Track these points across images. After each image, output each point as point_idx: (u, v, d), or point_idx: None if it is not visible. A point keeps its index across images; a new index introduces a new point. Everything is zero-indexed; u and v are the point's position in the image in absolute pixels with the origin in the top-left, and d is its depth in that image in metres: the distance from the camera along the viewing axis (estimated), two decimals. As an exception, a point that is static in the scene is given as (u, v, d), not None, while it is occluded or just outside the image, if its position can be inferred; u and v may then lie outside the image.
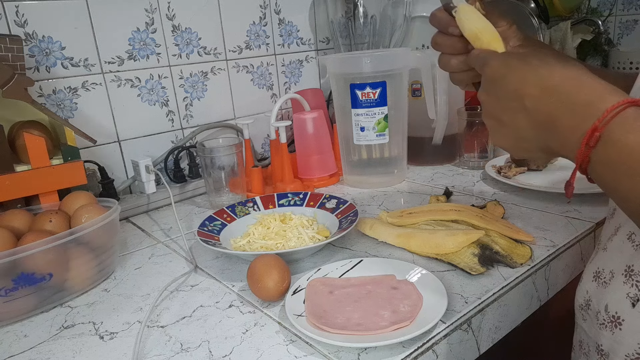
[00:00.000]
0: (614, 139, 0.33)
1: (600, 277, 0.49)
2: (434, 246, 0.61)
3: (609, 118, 0.34)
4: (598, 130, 0.34)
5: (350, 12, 1.14)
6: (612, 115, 0.33)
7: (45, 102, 0.85)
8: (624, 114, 0.33)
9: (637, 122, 0.33)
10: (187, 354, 0.47)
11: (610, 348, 0.47)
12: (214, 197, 0.88)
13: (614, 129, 0.33)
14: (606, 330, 0.47)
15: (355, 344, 0.45)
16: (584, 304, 0.52)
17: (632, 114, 0.33)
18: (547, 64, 0.39)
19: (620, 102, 0.34)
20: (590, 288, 0.51)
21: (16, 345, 0.52)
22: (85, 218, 0.62)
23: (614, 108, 0.33)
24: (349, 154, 0.95)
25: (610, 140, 0.34)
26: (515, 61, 0.41)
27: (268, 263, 0.55)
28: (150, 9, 0.93)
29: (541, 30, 1.30)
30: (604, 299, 0.47)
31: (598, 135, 0.34)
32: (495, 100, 0.42)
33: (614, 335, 0.46)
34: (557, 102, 0.37)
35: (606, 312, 0.47)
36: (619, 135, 0.33)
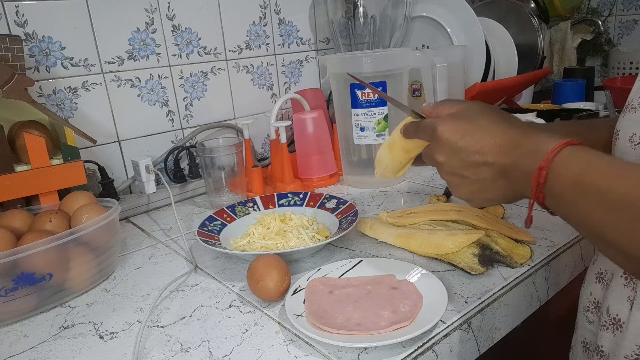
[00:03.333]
0: (557, 174, 0.39)
1: (603, 278, 0.50)
2: (434, 246, 0.61)
3: (551, 158, 0.40)
4: (544, 169, 0.40)
5: (350, 12, 1.14)
6: (554, 155, 0.40)
7: (45, 102, 0.85)
8: (562, 153, 0.40)
9: (573, 157, 0.39)
10: (187, 354, 0.47)
11: (610, 349, 0.47)
12: (214, 197, 0.88)
13: (556, 166, 0.40)
14: (607, 332, 0.48)
15: (355, 344, 0.45)
16: (588, 305, 0.52)
17: (569, 151, 0.40)
18: (495, 122, 0.45)
19: (559, 144, 0.40)
20: (594, 290, 0.51)
21: (16, 345, 0.52)
22: (85, 218, 0.62)
23: (554, 149, 0.40)
24: (349, 154, 0.95)
25: (554, 176, 0.40)
26: (465, 124, 0.46)
27: (268, 263, 0.55)
28: (150, 9, 0.93)
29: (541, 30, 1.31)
30: (606, 301, 0.48)
31: (545, 174, 0.40)
32: (456, 160, 0.46)
33: (614, 337, 0.47)
34: (514, 153, 0.43)
35: (608, 314, 0.48)
36: (559, 170, 0.39)
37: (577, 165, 0.38)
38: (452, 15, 1.08)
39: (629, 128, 0.46)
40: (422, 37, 1.13)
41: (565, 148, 0.40)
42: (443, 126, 0.46)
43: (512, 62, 1.20)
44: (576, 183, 0.38)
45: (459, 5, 1.07)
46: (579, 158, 0.39)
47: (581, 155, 0.39)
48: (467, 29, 1.07)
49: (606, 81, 1.19)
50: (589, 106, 1.18)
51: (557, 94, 1.33)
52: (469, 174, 0.46)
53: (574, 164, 0.39)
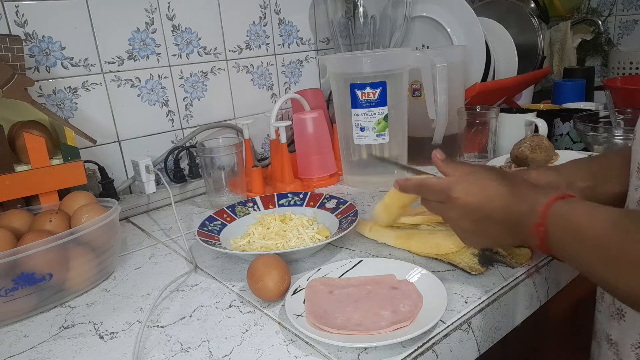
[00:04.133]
0: (552, 230, 0.43)
1: None
2: (434, 246, 0.61)
3: (545, 215, 0.44)
4: (541, 226, 0.44)
5: (350, 12, 1.14)
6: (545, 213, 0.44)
7: (45, 102, 0.85)
8: (552, 210, 0.43)
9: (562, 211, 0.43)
10: (187, 354, 0.47)
11: (618, 338, 0.50)
12: (214, 197, 0.88)
13: (550, 223, 0.44)
14: (614, 321, 0.50)
15: (355, 344, 0.45)
16: (600, 295, 0.55)
17: (559, 205, 0.43)
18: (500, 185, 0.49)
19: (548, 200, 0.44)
20: None
21: (16, 345, 0.52)
22: (85, 218, 0.62)
23: (545, 206, 0.44)
24: (349, 154, 0.95)
25: (551, 231, 0.43)
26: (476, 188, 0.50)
27: (268, 263, 0.55)
28: (150, 9, 0.93)
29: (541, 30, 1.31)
30: None
31: (543, 230, 0.44)
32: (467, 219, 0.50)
33: (619, 326, 0.49)
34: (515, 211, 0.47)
35: (614, 304, 0.50)
36: (553, 227, 0.43)
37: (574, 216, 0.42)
38: (452, 15, 1.08)
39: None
40: (422, 37, 1.13)
41: (556, 202, 0.43)
42: (457, 189, 0.50)
43: (512, 62, 1.20)
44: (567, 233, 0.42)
45: (459, 5, 1.07)
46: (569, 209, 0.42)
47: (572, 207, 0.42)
48: (467, 29, 1.07)
49: (606, 81, 1.19)
50: (589, 106, 1.18)
51: (557, 94, 1.33)
52: (479, 230, 0.50)
53: (563, 217, 0.42)
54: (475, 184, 0.50)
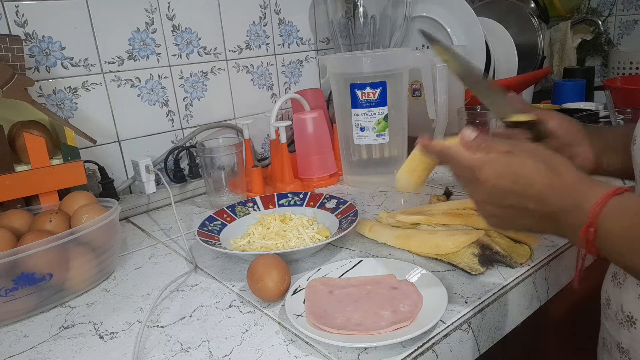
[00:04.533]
0: (607, 230, 0.38)
1: (617, 277, 0.51)
2: (434, 246, 0.61)
3: (597, 214, 0.38)
4: (592, 226, 0.38)
5: (350, 12, 1.14)
6: (598, 212, 0.38)
7: (45, 102, 0.85)
8: (608, 206, 0.38)
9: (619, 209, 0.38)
10: (187, 354, 0.47)
11: (630, 346, 0.48)
12: (214, 197, 0.88)
13: (603, 223, 0.38)
14: (624, 329, 0.49)
15: (355, 344, 0.45)
16: (605, 302, 0.54)
17: (614, 203, 0.38)
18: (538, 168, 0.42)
19: (602, 197, 0.38)
20: (608, 288, 0.52)
21: (16, 345, 0.52)
22: (85, 218, 0.62)
23: (598, 204, 0.38)
24: (349, 154, 0.95)
25: (604, 231, 0.38)
26: (507, 168, 0.43)
27: (268, 263, 0.55)
28: (150, 9, 0.93)
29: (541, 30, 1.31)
30: (621, 298, 0.49)
31: (593, 231, 0.38)
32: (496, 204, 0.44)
33: (630, 334, 0.48)
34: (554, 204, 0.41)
35: (622, 312, 0.49)
36: (608, 226, 0.38)
37: (625, 218, 0.37)
38: (452, 15, 1.08)
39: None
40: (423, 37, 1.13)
41: (611, 200, 0.38)
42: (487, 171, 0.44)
43: (512, 62, 1.20)
44: (625, 237, 0.37)
45: (459, 5, 1.07)
46: (626, 210, 0.38)
47: (628, 206, 0.38)
48: (467, 29, 1.07)
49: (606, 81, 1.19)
50: (589, 106, 1.18)
51: (557, 94, 1.33)
52: (509, 217, 0.44)
53: (621, 217, 0.37)
54: (510, 165, 0.43)
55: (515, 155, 0.43)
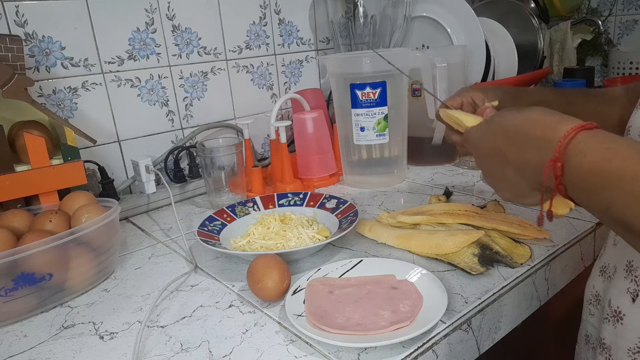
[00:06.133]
0: (575, 164, 0.37)
1: (606, 272, 0.50)
2: (434, 246, 0.61)
3: (564, 146, 0.37)
4: (559, 161, 0.37)
5: (350, 12, 1.14)
6: (566, 144, 0.37)
7: (45, 102, 0.85)
8: (576, 140, 0.37)
9: (589, 143, 0.36)
10: (187, 354, 0.47)
11: (613, 342, 0.48)
12: (214, 197, 0.88)
13: (571, 155, 0.37)
14: (609, 325, 0.48)
15: (355, 344, 0.45)
16: (592, 299, 0.53)
17: (584, 137, 0.37)
18: (505, 117, 0.44)
19: (570, 129, 0.37)
20: (596, 283, 0.52)
21: (16, 345, 0.52)
22: (85, 218, 0.62)
23: (566, 137, 0.37)
24: (349, 154, 0.95)
25: (572, 165, 0.37)
26: (484, 126, 0.48)
27: (268, 263, 0.55)
28: (150, 9, 0.93)
29: (541, 30, 1.31)
30: (608, 293, 0.49)
31: (560, 165, 0.37)
32: (486, 164, 0.47)
33: (615, 330, 0.47)
34: (521, 144, 0.41)
35: (609, 307, 0.48)
36: (577, 159, 0.36)
37: (595, 152, 0.35)
38: (452, 15, 1.08)
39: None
40: (422, 37, 1.13)
41: (580, 133, 0.37)
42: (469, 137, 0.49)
43: (512, 62, 1.20)
44: (595, 171, 0.35)
45: (459, 5, 1.07)
46: (596, 144, 0.36)
47: (598, 141, 0.36)
48: (467, 29, 1.07)
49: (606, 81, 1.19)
50: (589, 106, 1.17)
51: (557, 94, 1.33)
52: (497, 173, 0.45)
53: (592, 151, 0.36)
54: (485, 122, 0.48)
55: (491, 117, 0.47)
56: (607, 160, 0.35)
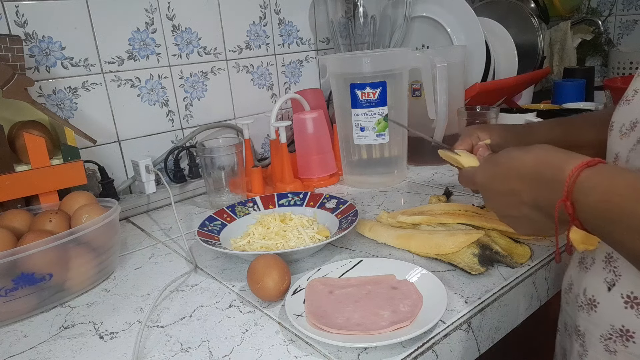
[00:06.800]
0: (582, 203, 0.38)
1: (583, 263, 0.51)
2: (434, 246, 0.61)
3: (571, 186, 0.39)
4: (567, 200, 0.39)
5: (350, 12, 1.14)
6: (572, 183, 0.39)
7: (45, 102, 0.85)
8: (580, 179, 0.38)
9: (591, 181, 0.38)
10: (187, 354, 0.47)
11: (586, 329, 0.49)
12: (214, 197, 0.88)
13: (578, 195, 0.39)
14: (583, 312, 0.49)
15: (355, 344, 0.45)
16: (567, 287, 0.54)
17: (586, 175, 0.38)
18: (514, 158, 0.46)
19: (574, 169, 0.39)
20: (573, 273, 0.53)
21: (16, 345, 0.52)
22: (85, 218, 0.62)
23: (571, 176, 0.39)
24: (349, 154, 0.95)
25: (580, 204, 0.39)
26: (490, 167, 0.49)
27: (268, 263, 0.55)
28: (150, 9, 0.93)
29: (541, 30, 1.30)
30: (584, 282, 0.50)
31: (570, 204, 0.39)
32: (499, 203, 0.49)
33: (589, 317, 0.48)
34: (535, 185, 0.43)
35: (584, 295, 0.49)
36: (583, 199, 0.38)
37: (596, 192, 0.37)
38: (452, 15, 1.08)
39: (621, 119, 0.48)
40: (422, 37, 1.13)
41: (583, 172, 0.39)
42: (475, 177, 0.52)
43: (512, 62, 1.20)
44: (599, 210, 0.37)
45: (459, 5, 1.07)
46: (597, 183, 0.38)
47: (600, 179, 0.38)
48: (467, 29, 1.07)
49: (606, 81, 1.19)
50: (589, 106, 1.18)
51: (557, 94, 1.33)
52: (514, 212, 0.47)
53: (593, 190, 0.38)
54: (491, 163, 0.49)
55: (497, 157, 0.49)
56: (607, 201, 0.37)
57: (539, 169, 0.43)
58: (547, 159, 0.43)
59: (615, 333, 0.45)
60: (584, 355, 0.49)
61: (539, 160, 0.43)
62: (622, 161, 0.46)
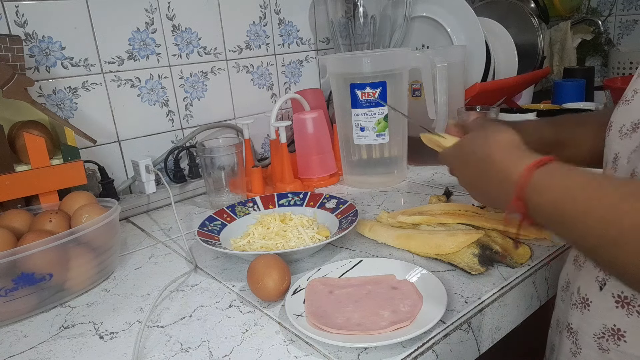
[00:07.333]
0: (535, 202, 0.39)
1: (577, 261, 0.52)
2: (434, 246, 0.61)
3: (522, 188, 0.39)
4: (520, 199, 0.40)
5: (350, 12, 1.14)
6: (523, 186, 0.39)
7: (45, 102, 0.85)
8: (533, 179, 0.39)
9: (544, 182, 0.39)
10: (187, 354, 0.47)
11: (579, 327, 0.49)
12: (214, 197, 0.88)
13: (530, 195, 0.39)
14: (576, 310, 0.50)
15: (355, 344, 0.45)
16: (565, 285, 0.54)
17: (539, 175, 0.39)
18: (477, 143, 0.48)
19: (524, 170, 0.39)
20: (569, 271, 0.53)
21: (16, 345, 0.52)
22: (85, 218, 0.62)
23: (522, 177, 0.39)
24: (349, 154, 0.95)
25: (534, 204, 0.39)
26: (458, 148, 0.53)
27: (268, 263, 0.55)
28: (150, 9, 0.93)
29: (541, 30, 1.30)
30: (578, 281, 0.50)
31: (522, 204, 0.40)
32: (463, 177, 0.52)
33: (582, 315, 0.49)
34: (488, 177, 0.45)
35: (578, 294, 0.50)
36: (536, 199, 0.39)
37: (550, 191, 0.38)
38: (452, 15, 1.08)
39: (620, 119, 0.48)
40: (422, 37, 1.13)
41: (536, 172, 0.39)
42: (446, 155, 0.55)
43: (512, 62, 1.20)
44: (554, 209, 0.38)
45: (459, 5, 1.07)
46: (550, 182, 0.38)
47: (553, 179, 0.39)
48: (467, 29, 1.07)
49: (606, 81, 1.19)
50: (589, 106, 1.18)
51: (557, 94, 1.33)
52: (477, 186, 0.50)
53: (547, 190, 0.38)
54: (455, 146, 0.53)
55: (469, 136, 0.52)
56: (558, 200, 0.37)
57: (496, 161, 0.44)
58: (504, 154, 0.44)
59: (608, 332, 0.46)
60: (577, 353, 0.49)
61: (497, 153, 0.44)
62: (623, 161, 0.47)
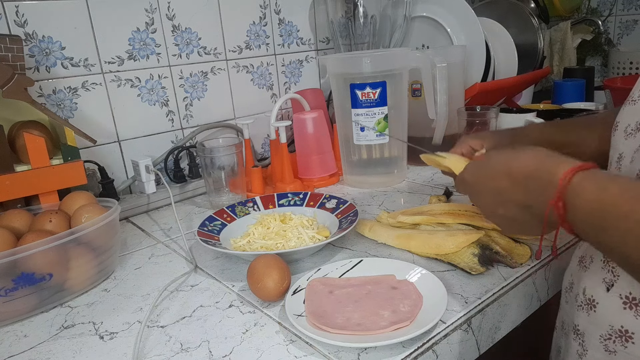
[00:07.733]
0: (574, 205, 0.39)
1: (583, 261, 0.52)
2: (434, 246, 0.61)
3: (564, 188, 0.40)
4: (560, 200, 0.40)
5: (350, 12, 1.14)
6: (565, 185, 0.40)
7: (45, 102, 0.85)
8: (573, 182, 0.39)
9: (584, 184, 0.39)
10: (187, 354, 0.47)
11: (585, 329, 0.49)
12: (214, 197, 0.88)
13: (570, 197, 0.39)
14: (582, 312, 0.49)
15: (355, 344, 0.45)
16: (568, 286, 0.54)
17: (579, 178, 0.39)
18: (507, 158, 0.46)
19: (567, 171, 0.40)
20: (574, 272, 0.53)
21: (16, 345, 0.52)
22: (85, 218, 0.62)
23: (563, 179, 0.40)
24: (349, 154, 0.95)
25: (572, 206, 0.39)
26: (480, 164, 0.50)
27: (268, 263, 0.55)
28: (150, 9, 0.93)
29: (541, 30, 1.31)
30: (583, 282, 0.50)
31: (562, 205, 0.40)
32: (485, 204, 0.50)
33: (589, 317, 0.48)
34: (526, 186, 0.44)
35: (584, 295, 0.49)
36: (574, 201, 0.39)
37: (589, 194, 0.38)
38: (452, 15, 1.08)
39: (626, 119, 0.48)
40: (422, 37, 1.13)
41: (577, 174, 0.39)
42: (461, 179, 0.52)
43: (512, 62, 1.20)
44: (592, 211, 0.38)
45: (459, 5, 1.07)
46: (590, 185, 0.39)
47: (592, 182, 0.39)
48: (467, 29, 1.07)
49: (606, 81, 1.19)
50: (589, 106, 1.18)
51: (557, 94, 1.33)
52: (501, 211, 0.48)
53: (586, 193, 0.38)
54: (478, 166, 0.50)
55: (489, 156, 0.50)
56: (600, 201, 0.37)
57: (531, 170, 0.43)
58: (540, 161, 0.43)
59: (615, 333, 0.45)
60: (584, 355, 0.49)
61: (531, 162, 0.44)
62: (626, 161, 0.47)
